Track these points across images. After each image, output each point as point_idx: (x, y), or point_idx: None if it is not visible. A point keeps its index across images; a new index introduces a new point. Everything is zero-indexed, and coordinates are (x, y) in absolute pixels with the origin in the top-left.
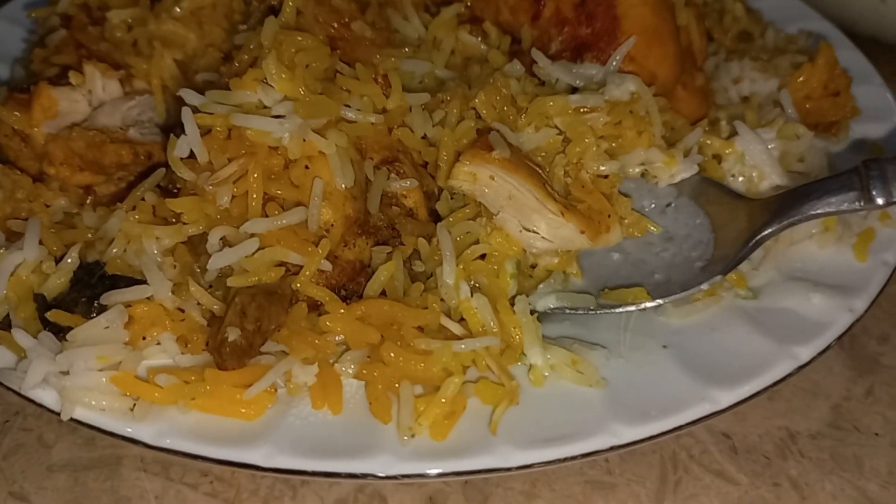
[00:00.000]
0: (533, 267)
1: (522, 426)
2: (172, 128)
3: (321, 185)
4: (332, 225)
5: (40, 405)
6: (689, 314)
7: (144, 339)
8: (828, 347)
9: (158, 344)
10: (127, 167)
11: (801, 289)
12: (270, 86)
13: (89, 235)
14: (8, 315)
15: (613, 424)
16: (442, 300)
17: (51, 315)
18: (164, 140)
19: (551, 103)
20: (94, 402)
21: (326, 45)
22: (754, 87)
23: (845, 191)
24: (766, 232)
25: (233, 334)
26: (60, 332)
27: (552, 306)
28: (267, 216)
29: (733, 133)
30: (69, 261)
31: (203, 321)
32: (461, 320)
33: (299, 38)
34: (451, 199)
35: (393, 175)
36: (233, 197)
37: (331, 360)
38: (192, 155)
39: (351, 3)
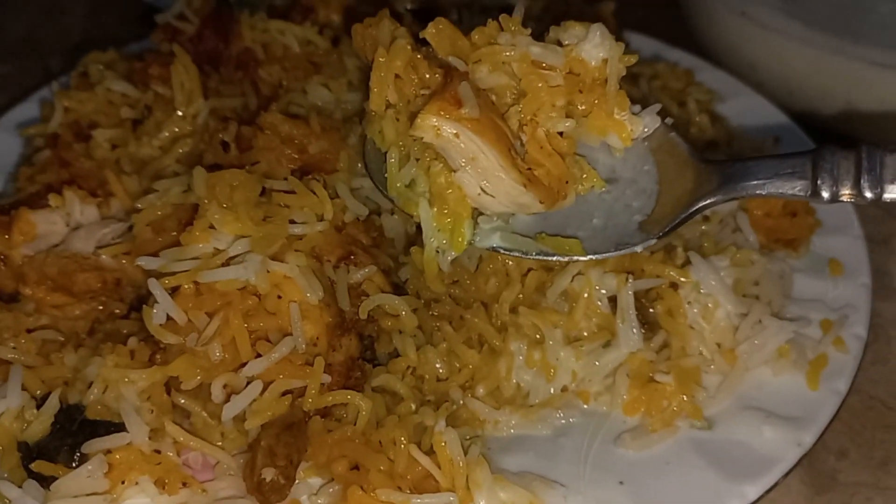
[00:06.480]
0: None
1: None
2: None
3: (297, 308)
4: (318, 338)
5: None
6: (645, 445)
7: (123, 482)
8: (775, 484)
9: (137, 484)
10: (95, 292)
11: (754, 420)
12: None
13: (69, 375)
14: None
15: None
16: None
17: (35, 466)
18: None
19: (508, 53)
20: None
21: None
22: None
23: (795, 178)
24: (707, 202)
25: (269, 474)
26: (44, 479)
27: (495, 245)
28: (258, 354)
29: (688, 261)
30: (51, 404)
31: (178, 460)
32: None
33: (227, 177)
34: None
35: (351, 267)
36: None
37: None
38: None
39: (301, 126)
